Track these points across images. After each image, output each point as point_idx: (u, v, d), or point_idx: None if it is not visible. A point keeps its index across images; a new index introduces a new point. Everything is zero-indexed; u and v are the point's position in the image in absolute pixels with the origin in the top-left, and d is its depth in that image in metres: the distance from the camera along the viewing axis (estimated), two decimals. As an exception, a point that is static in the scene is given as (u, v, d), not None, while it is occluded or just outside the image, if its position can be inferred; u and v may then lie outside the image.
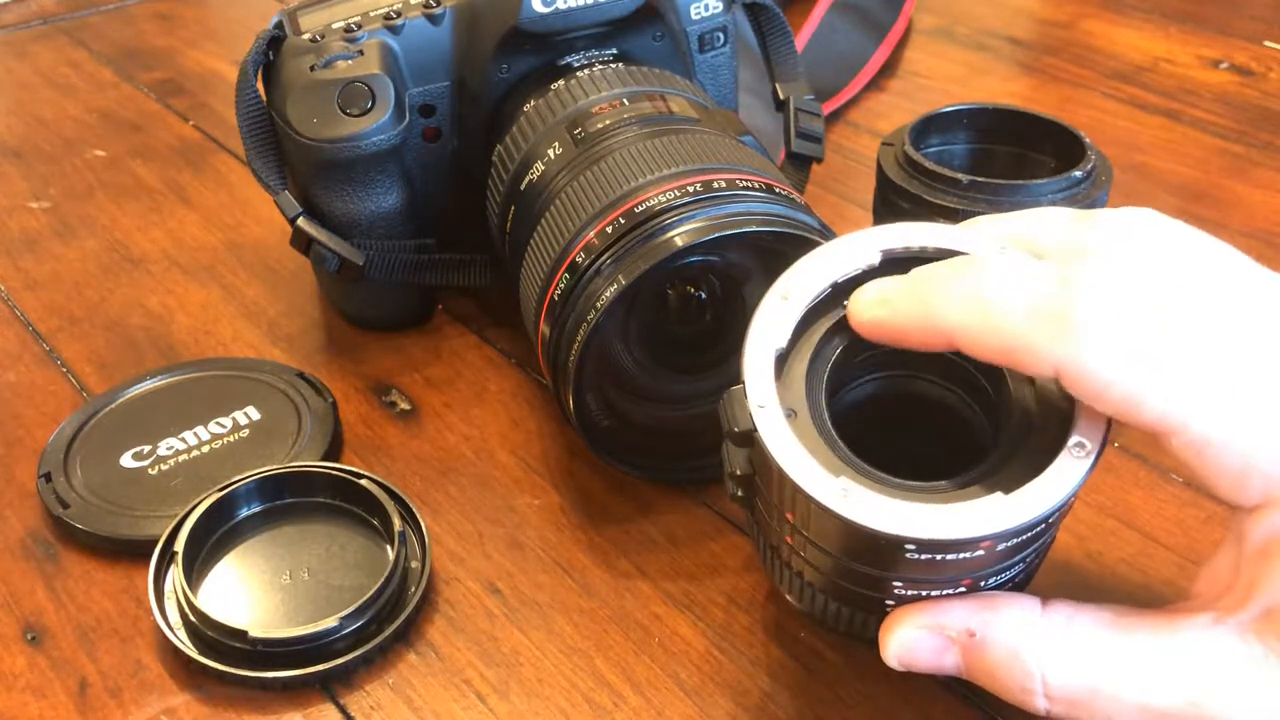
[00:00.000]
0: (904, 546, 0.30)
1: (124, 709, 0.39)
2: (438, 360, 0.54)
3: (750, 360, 0.32)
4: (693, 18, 0.53)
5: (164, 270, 0.61)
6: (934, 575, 0.32)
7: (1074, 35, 0.82)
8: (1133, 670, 0.31)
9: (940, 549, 0.30)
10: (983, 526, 0.30)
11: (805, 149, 0.54)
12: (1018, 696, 0.32)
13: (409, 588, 0.41)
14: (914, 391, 0.36)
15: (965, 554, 0.31)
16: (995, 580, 0.33)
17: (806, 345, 0.34)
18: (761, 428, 0.31)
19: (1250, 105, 0.72)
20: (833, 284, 0.34)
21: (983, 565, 0.32)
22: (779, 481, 0.31)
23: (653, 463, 0.45)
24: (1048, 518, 0.31)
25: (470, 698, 0.39)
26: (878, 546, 0.31)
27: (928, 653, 0.33)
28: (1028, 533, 0.31)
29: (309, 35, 0.50)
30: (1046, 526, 0.32)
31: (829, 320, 0.34)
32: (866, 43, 0.77)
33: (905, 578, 0.32)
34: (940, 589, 0.32)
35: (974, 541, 0.30)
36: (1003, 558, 0.32)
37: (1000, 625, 0.32)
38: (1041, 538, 0.33)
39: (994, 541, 0.30)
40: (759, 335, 0.33)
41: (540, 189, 0.45)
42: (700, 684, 0.39)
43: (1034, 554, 0.34)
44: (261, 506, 0.44)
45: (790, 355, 0.33)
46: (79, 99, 0.79)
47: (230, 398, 0.50)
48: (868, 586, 0.33)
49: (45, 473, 0.46)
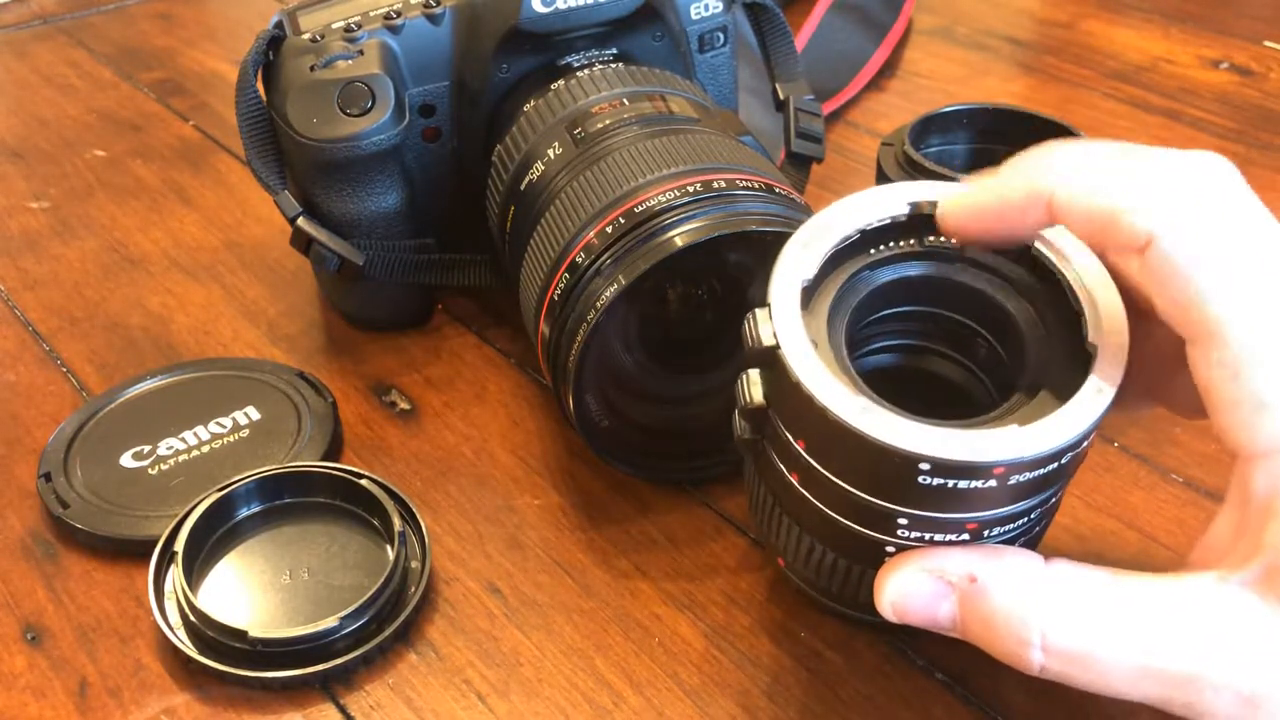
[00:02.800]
0: (918, 468, 0.30)
1: (124, 709, 0.39)
2: (438, 360, 0.54)
3: (777, 286, 0.33)
4: (693, 18, 0.53)
5: (164, 270, 0.61)
6: (942, 510, 0.31)
7: (1074, 35, 0.82)
8: (1133, 628, 0.30)
9: (954, 473, 0.30)
10: (999, 452, 0.30)
11: (805, 149, 0.54)
12: (1013, 649, 0.31)
13: (409, 588, 0.41)
14: (924, 368, 0.36)
15: (977, 482, 0.30)
16: (1000, 532, 0.32)
17: (831, 285, 0.34)
18: (785, 345, 0.31)
19: (1250, 105, 0.72)
20: (860, 230, 0.34)
21: (991, 504, 0.31)
22: (796, 399, 0.31)
23: (653, 463, 0.45)
24: (1063, 452, 0.30)
25: (470, 698, 0.39)
26: (892, 468, 0.30)
27: (924, 598, 0.32)
28: (1042, 467, 0.30)
29: (309, 35, 0.50)
30: (1059, 469, 0.31)
31: (854, 265, 0.34)
32: (866, 43, 0.77)
33: (912, 514, 0.32)
34: (945, 533, 0.32)
35: (989, 468, 0.30)
36: (1012, 497, 0.31)
37: (1003, 573, 0.31)
38: (1052, 487, 0.32)
39: (1007, 470, 0.30)
40: (786, 267, 0.33)
41: (540, 189, 0.45)
42: (700, 684, 0.39)
43: (1040, 511, 0.33)
44: (261, 506, 0.44)
45: (816, 292, 0.33)
46: (79, 99, 0.79)
47: (230, 398, 0.50)
48: (872, 525, 0.32)
49: (45, 473, 0.46)
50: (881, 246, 0.35)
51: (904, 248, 0.35)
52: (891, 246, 0.35)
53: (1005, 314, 0.34)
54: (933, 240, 0.35)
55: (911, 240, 0.35)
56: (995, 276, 0.34)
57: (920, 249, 0.35)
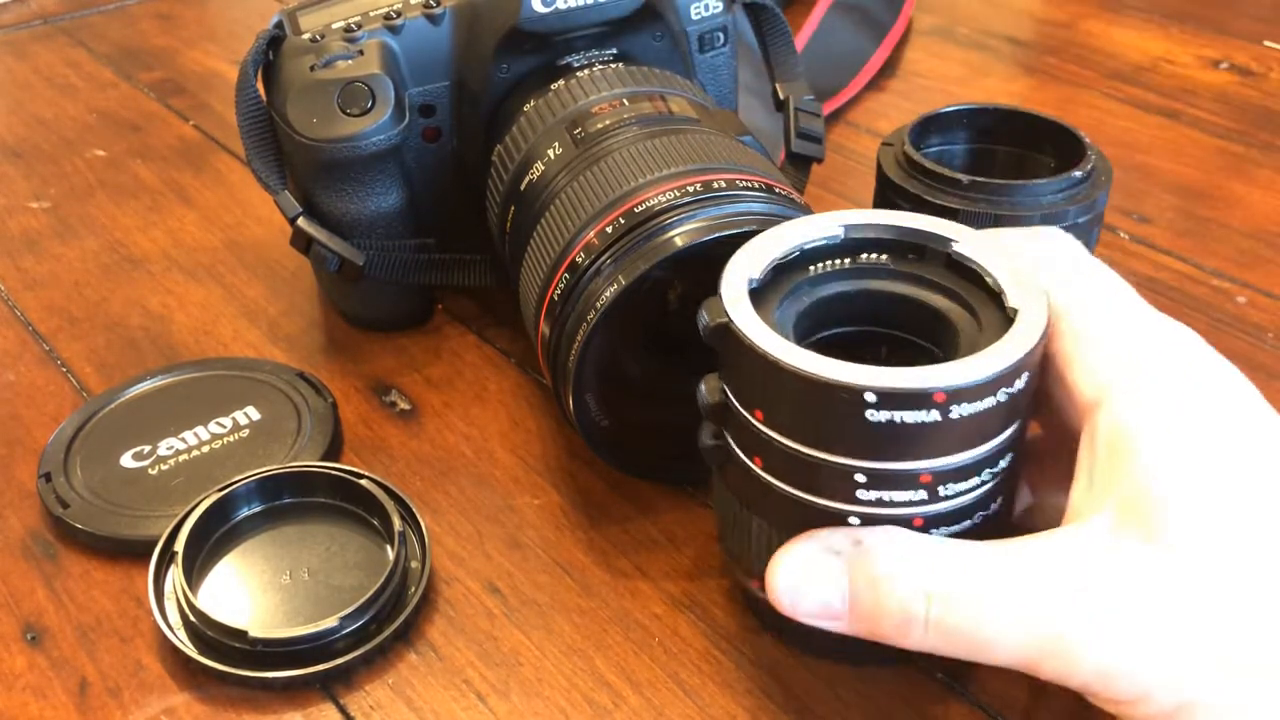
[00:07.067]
0: (864, 399, 0.31)
1: (124, 709, 0.39)
2: (438, 360, 0.54)
3: (727, 281, 0.35)
4: (693, 18, 0.53)
5: (164, 270, 0.61)
6: (895, 458, 0.32)
7: (1074, 35, 0.82)
8: (1002, 582, 0.31)
9: (899, 402, 0.31)
10: (939, 379, 0.31)
11: (805, 149, 0.54)
12: (899, 607, 0.32)
13: (409, 588, 0.41)
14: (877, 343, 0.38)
15: (923, 414, 0.31)
16: (955, 490, 0.33)
17: (775, 293, 0.36)
18: (735, 317, 0.34)
19: (1250, 105, 0.73)
20: (799, 248, 0.37)
21: (942, 448, 0.32)
22: (749, 362, 0.33)
23: (653, 463, 0.45)
24: (1000, 381, 0.32)
25: (470, 698, 0.39)
26: (843, 407, 0.32)
27: (816, 581, 0.33)
28: (983, 398, 0.32)
29: (309, 35, 0.50)
30: (1001, 408, 0.32)
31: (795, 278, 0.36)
32: (866, 43, 0.77)
33: (868, 469, 0.33)
34: (901, 489, 0.33)
35: (930, 393, 0.31)
36: (961, 440, 0.32)
37: (887, 535, 0.33)
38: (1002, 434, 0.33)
39: (948, 398, 0.31)
40: (733, 271, 0.35)
41: (540, 189, 0.45)
42: (700, 684, 0.39)
43: (993, 475, 0.34)
44: (261, 506, 0.44)
45: (761, 296, 0.35)
46: (79, 99, 0.79)
47: (230, 398, 0.50)
48: (834, 494, 0.34)
49: (45, 473, 0.46)
50: (818, 265, 0.37)
51: (837, 266, 0.37)
52: (826, 266, 0.37)
53: (936, 313, 0.36)
54: (864, 259, 0.37)
55: (846, 260, 0.37)
56: (921, 281, 0.37)
57: (850, 266, 0.37)
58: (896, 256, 0.37)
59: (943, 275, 0.36)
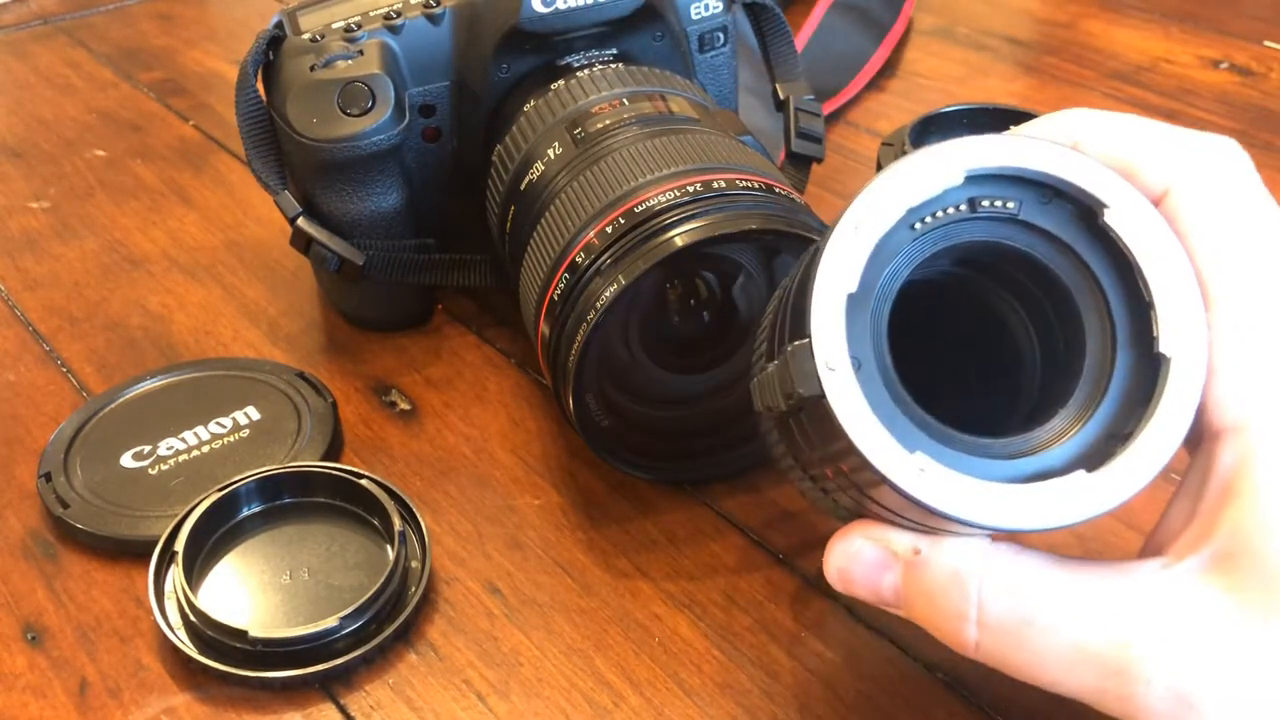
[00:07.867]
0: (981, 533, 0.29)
1: (124, 709, 0.39)
2: (438, 360, 0.54)
3: (818, 308, 0.29)
4: (693, 18, 0.53)
5: (164, 270, 0.61)
6: None
7: (1074, 35, 0.82)
8: (1071, 606, 0.29)
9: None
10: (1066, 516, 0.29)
11: (805, 149, 0.54)
12: (951, 624, 0.31)
13: (409, 588, 0.41)
14: (979, 297, 0.34)
15: None
16: None
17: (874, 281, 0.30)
18: (830, 393, 0.29)
19: (1250, 105, 0.72)
20: (908, 209, 0.30)
21: None
22: (845, 448, 0.29)
23: (653, 463, 0.45)
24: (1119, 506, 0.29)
25: (470, 698, 0.39)
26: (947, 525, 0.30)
27: (869, 567, 0.32)
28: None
29: (309, 35, 0.50)
30: None
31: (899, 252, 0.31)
32: (866, 43, 0.77)
33: None
34: None
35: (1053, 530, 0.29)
36: None
37: (946, 547, 0.31)
38: None
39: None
40: (828, 277, 0.29)
41: (540, 189, 0.45)
42: (700, 684, 0.39)
43: None
44: (261, 506, 0.44)
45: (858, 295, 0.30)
46: (79, 99, 0.79)
47: (230, 398, 0.50)
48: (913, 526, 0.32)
49: (45, 473, 0.46)
50: (928, 218, 0.31)
51: (953, 214, 0.31)
52: (939, 216, 0.31)
53: (1063, 290, 0.31)
54: (987, 204, 0.31)
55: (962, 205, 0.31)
56: (1054, 243, 0.31)
57: (971, 214, 0.31)
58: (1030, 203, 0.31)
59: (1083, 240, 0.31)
